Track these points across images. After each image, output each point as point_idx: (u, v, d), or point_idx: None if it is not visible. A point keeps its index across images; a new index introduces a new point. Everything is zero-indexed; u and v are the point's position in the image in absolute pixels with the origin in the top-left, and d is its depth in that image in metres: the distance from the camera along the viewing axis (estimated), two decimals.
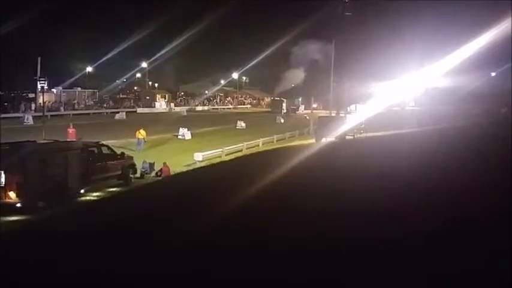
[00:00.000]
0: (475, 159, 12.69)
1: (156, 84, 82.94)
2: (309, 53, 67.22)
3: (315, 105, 68.92)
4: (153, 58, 68.10)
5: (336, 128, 30.08)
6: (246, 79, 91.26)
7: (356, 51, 50.23)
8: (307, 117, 46.02)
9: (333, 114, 40.29)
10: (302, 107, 74.23)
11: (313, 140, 30.63)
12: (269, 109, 74.72)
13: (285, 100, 74.44)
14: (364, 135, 32.13)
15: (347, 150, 19.18)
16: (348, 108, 47.82)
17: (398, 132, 28.62)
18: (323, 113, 46.93)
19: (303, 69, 71.82)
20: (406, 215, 6.72)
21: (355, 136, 31.24)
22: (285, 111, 69.42)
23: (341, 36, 43.18)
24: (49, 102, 51.26)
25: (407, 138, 22.62)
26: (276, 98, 78.10)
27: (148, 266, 4.86)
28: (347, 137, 29.73)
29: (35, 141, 18.51)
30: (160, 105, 67.86)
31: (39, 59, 36.31)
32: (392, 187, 8.66)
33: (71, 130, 27.63)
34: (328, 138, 28.68)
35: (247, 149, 28.49)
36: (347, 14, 42.60)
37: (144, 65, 70.98)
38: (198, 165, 22.52)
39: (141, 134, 28.45)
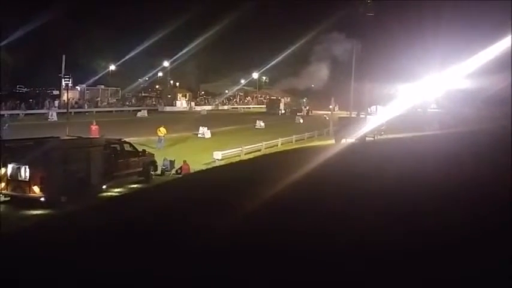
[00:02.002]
0: (500, 163, 12.39)
1: (178, 83, 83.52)
2: (330, 54, 66.90)
3: (331, 106, 68.63)
4: (175, 57, 68.57)
5: (356, 129, 29.92)
6: (265, 79, 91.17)
7: (377, 51, 49.86)
8: (327, 118, 45.84)
9: (352, 115, 40.10)
10: (306, 108, 69.92)
11: (332, 141, 30.53)
12: (265, 109, 67.93)
13: (282, 99, 70.65)
14: (384, 136, 31.89)
15: (368, 151, 19.07)
16: (368, 109, 47.47)
17: (420, 134, 28.34)
18: (342, 114, 46.67)
19: (323, 70, 71.35)
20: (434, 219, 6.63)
21: (375, 138, 31.03)
22: (282, 111, 65.07)
23: (362, 36, 42.94)
24: (73, 99, 52.05)
25: (429, 140, 22.40)
26: (273, 97, 75.41)
27: (168, 266, 4.89)
28: (367, 139, 29.55)
29: (58, 137, 18.87)
30: (181, 104, 68.32)
31: (63, 56, 36.88)
32: (417, 191, 8.57)
33: (94, 127, 28.01)
34: (348, 140, 28.55)
35: (266, 148, 28.56)
36: (369, 14, 42.35)
37: (166, 64, 71.48)
38: (218, 163, 22.67)
39: (162, 132, 28.78)
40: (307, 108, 70.68)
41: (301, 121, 51.50)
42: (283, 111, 65.54)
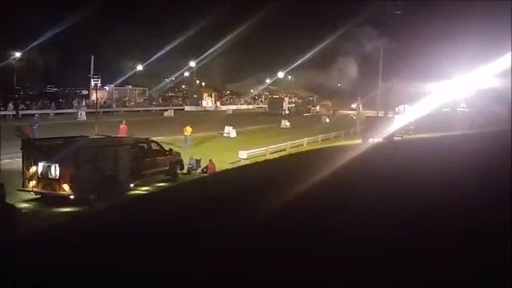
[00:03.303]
0: None
1: (203, 83, 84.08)
2: (356, 52, 66.27)
3: (353, 105, 67.80)
4: (200, 57, 69.03)
5: (384, 129, 29.56)
6: (291, 78, 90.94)
7: (406, 50, 49.17)
8: (354, 117, 45.45)
9: (379, 115, 39.65)
10: (315, 108, 67.70)
11: (359, 141, 30.21)
12: (267, 109, 63.17)
13: (286, 99, 65.77)
14: (412, 136, 31.40)
15: (396, 151, 18.73)
16: (396, 108, 46.87)
17: (449, 134, 27.77)
18: (368, 113, 46.18)
19: (350, 69, 70.67)
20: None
21: (403, 137, 30.58)
22: (286, 111, 59.85)
23: (390, 35, 42.42)
24: (101, 99, 52.93)
25: (460, 140, 21.87)
26: (275, 96, 72.09)
27: (192, 266, 4.89)
28: (395, 138, 29.16)
29: (88, 136, 19.23)
30: (207, 103, 68.76)
31: (92, 57, 37.57)
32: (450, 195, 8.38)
33: (122, 126, 28.39)
34: (375, 139, 28.21)
35: (291, 148, 28.47)
36: (397, 12, 41.82)
37: (192, 64, 72.02)
38: (243, 163, 22.72)
39: (188, 131, 29.00)
40: (316, 108, 67.45)
41: (327, 120, 51.19)
42: (287, 112, 60.24)
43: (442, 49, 49.47)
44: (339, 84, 76.93)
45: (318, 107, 69.35)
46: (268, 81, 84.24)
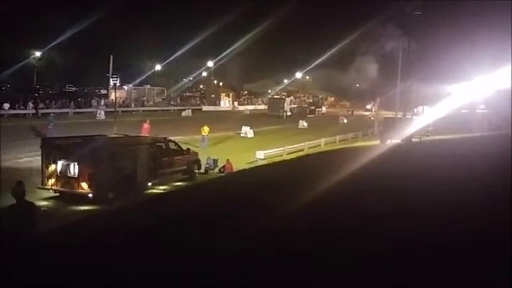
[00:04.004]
0: None
1: (221, 83, 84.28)
2: (375, 53, 65.67)
3: (368, 106, 67.15)
4: (218, 57, 69.20)
5: (402, 130, 29.27)
6: (309, 78, 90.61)
7: (425, 51, 48.64)
8: (372, 118, 45.12)
9: (398, 116, 39.26)
10: (321, 109, 64.75)
11: (377, 142, 29.98)
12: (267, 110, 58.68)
13: (287, 99, 61.01)
14: (431, 138, 31.06)
15: (416, 153, 18.50)
16: (415, 109, 46.40)
17: (468, 135, 27.41)
18: (387, 114, 45.78)
19: (368, 69, 70.04)
20: None
21: (422, 139, 30.26)
22: (289, 113, 55.55)
23: (409, 35, 41.89)
24: (120, 98, 53.35)
25: (479, 142, 21.56)
26: (275, 96, 68.33)
27: (208, 266, 4.87)
28: (413, 140, 28.85)
29: (106, 135, 19.37)
30: (225, 103, 68.91)
31: (111, 56, 37.86)
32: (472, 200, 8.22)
33: (146, 125, 28.39)
34: (394, 140, 27.95)
35: (308, 148, 28.36)
36: (416, 13, 41.29)
37: (210, 64, 72.23)
38: (260, 163, 22.69)
39: (205, 131, 29.07)
40: (322, 109, 64.59)
41: (345, 121, 50.89)
42: (288, 113, 55.62)
43: (461, 50, 48.83)
44: (357, 85, 76.34)
45: (324, 108, 66.71)
46: (286, 81, 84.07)
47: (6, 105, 40.86)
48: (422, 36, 46.05)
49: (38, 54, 55.15)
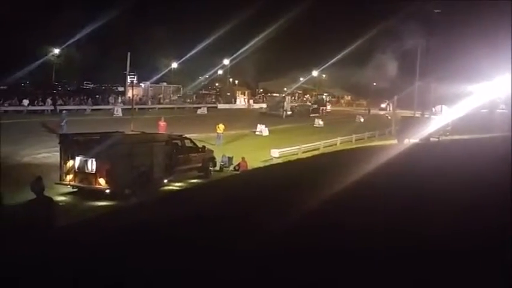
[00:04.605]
0: None
1: (237, 81, 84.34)
2: (393, 51, 65.08)
3: (383, 105, 66.47)
4: (234, 55, 69.23)
5: (420, 129, 28.95)
6: (325, 77, 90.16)
7: (444, 50, 48.04)
8: (389, 117, 44.75)
9: (416, 115, 38.91)
10: (325, 108, 62.02)
11: (394, 141, 29.71)
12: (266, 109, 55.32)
13: (287, 98, 58.26)
14: (449, 137, 30.67)
15: (434, 153, 18.26)
16: (433, 109, 45.89)
17: (488, 136, 26.97)
18: (405, 113, 45.35)
19: (386, 68, 69.35)
20: None
21: (440, 138, 29.91)
22: (289, 112, 52.54)
23: (428, 34, 41.45)
24: (137, 96, 53.73)
25: (498, 142, 21.17)
26: (275, 95, 66.14)
27: (223, 266, 4.84)
28: (431, 139, 28.53)
29: (123, 132, 19.52)
30: (240, 101, 68.95)
31: (128, 54, 38.17)
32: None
33: (162, 123, 28.50)
34: (411, 140, 27.66)
35: (324, 147, 28.23)
36: (436, 11, 40.84)
37: (226, 62, 72.31)
38: (275, 161, 22.67)
39: (220, 128, 29.12)
40: (327, 108, 61.66)
41: (362, 120, 50.54)
42: (289, 112, 52.55)
43: (481, 49, 48.10)
44: (374, 84, 75.70)
45: (328, 107, 63.82)
46: (301, 79, 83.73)
47: (26, 102, 41.43)
48: (441, 34, 45.52)
49: (56, 51, 55.73)
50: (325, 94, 71.81)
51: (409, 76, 47.49)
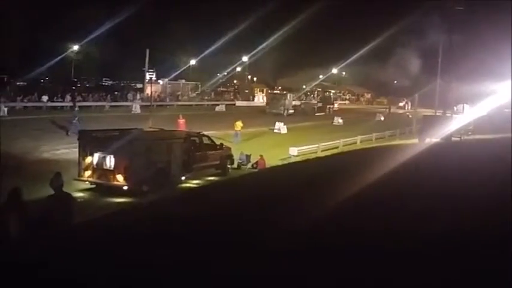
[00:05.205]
0: None
1: (255, 78, 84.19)
2: (414, 49, 64.21)
3: (401, 104, 65.60)
4: (253, 52, 69.07)
5: (442, 129, 28.46)
6: (345, 74, 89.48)
7: (466, 48, 47.22)
8: (410, 116, 44.21)
9: (437, 114, 38.31)
10: (332, 106, 58.72)
11: (415, 140, 29.25)
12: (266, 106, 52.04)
13: (289, 95, 54.26)
14: (471, 137, 30.12)
15: (456, 152, 17.87)
16: (455, 108, 45.16)
17: (510, 135, 26.38)
18: (426, 112, 44.73)
19: (407, 66, 68.45)
20: None
21: (462, 138, 29.39)
22: (291, 111, 49.09)
23: (450, 31, 40.75)
24: (155, 93, 53.98)
25: None
26: (276, 91, 64.14)
27: (243, 265, 4.73)
28: (453, 139, 28.04)
29: (142, 128, 19.55)
30: (258, 98, 68.84)
31: (147, 51, 38.26)
32: None
33: (181, 121, 28.46)
34: (433, 139, 27.20)
35: (344, 146, 27.94)
36: (458, 8, 40.13)
37: (244, 59, 72.20)
38: (293, 159, 22.49)
39: (238, 126, 29.02)
40: (334, 106, 58.64)
41: (382, 118, 49.99)
42: (290, 111, 48.81)
43: (504, 47, 47.16)
44: (395, 82, 74.82)
45: (336, 105, 60.73)
46: (321, 77, 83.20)
47: (45, 98, 41.85)
48: (463, 32, 44.77)
49: (76, 48, 56.27)
50: (332, 91, 70.44)
51: (430, 74, 46.79)
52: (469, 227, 6.09)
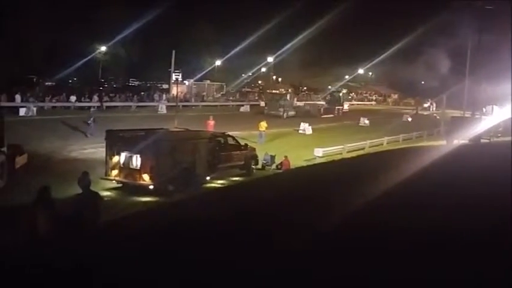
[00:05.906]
0: None
1: (280, 79, 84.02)
2: (442, 49, 63.00)
3: (426, 105, 64.39)
4: (278, 52, 68.93)
5: (470, 130, 27.90)
6: (371, 74, 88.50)
7: (496, 48, 46.10)
8: (438, 117, 43.52)
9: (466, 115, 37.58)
10: (341, 107, 54.11)
11: (443, 142, 28.76)
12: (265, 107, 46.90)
13: (288, 95, 51.70)
14: (501, 139, 29.44)
15: (485, 154, 17.49)
16: (484, 109, 44.23)
17: None
18: (454, 113, 43.91)
19: (435, 66, 67.21)
20: None
21: (491, 139, 28.76)
22: (292, 113, 44.52)
23: (479, 31, 39.93)
24: (181, 93, 54.32)
25: None
26: (275, 91, 61.46)
27: (267, 265, 4.74)
28: (482, 140, 27.46)
29: (167, 128, 19.73)
30: None
31: (173, 52, 38.58)
32: None
33: (211, 122, 28.27)
34: (461, 141, 26.70)
35: (370, 147, 27.65)
36: (487, 7, 39.32)
37: (269, 59, 72.13)
38: (318, 160, 22.37)
39: (263, 126, 28.99)
40: (344, 107, 54.31)
41: (409, 119, 49.26)
42: (291, 113, 44.51)
43: None
44: (423, 82, 73.61)
45: (346, 106, 56.32)
46: (347, 77, 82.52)
47: (73, 98, 42.56)
48: (492, 32, 43.76)
49: (103, 48, 57.12)
50: (343, 91, 67.73)
51: (458, 75, 45.91)
52: (500, 227, 5.96)
